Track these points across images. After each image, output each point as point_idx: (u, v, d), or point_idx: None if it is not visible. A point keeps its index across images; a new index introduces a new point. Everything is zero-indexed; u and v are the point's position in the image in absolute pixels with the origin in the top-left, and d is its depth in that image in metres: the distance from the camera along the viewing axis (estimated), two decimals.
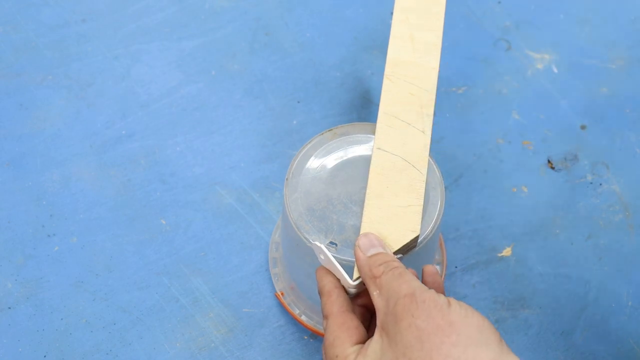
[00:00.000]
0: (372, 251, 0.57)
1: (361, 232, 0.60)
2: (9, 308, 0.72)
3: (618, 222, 0.79)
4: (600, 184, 0.82)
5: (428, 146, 0.63)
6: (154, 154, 0.81)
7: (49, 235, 0.76)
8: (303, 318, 0.72)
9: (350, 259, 0.61)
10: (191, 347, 0.71)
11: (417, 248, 0.62)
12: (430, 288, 0.53)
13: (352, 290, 0.57)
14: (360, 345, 0.54)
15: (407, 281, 0.53)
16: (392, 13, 0.67)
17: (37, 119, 0.83)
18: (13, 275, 0.74)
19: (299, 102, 0.85)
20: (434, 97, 0.64)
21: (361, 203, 0.63)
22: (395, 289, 0.53)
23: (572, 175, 0.82)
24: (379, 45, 0.90)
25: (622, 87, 0.88)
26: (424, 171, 0.62)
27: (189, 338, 0.72)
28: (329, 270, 0.59)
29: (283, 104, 0.85)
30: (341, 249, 0.63)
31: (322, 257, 0.59)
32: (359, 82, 0.88)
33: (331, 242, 0.63)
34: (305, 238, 0.63)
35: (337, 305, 0.56)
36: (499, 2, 0.94)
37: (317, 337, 0.73)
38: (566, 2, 0.94)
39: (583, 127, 0.85)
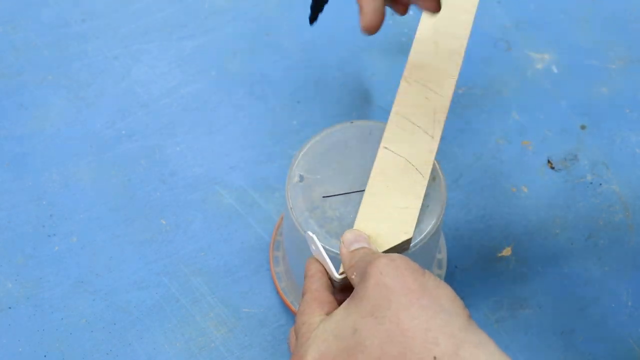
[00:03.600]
0: (355, 246, 0.56)
1: (353, 228, 0.60)
2: (9, 308, 0.73)
3: (618, 222, 0.79)
4: (600, 184, 0.82)
5: (435, 152, 0.63)
6: (154, 154, 0.81)
7: (49, 235, 0.76)
8: None
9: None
10: (191, 347, 0.72)
11: (412, 250, 0.62)
12: None
13: (338, 283, 0.57)
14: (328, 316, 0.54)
15: (381, 253, 0.53)
16: (392, 14, 0.67)
17: (37, 119, 0.83)
18: (13, 275, 0.74)
19: (299, 102, 0.85)
20: (448, 104, 0.64)
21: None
22: (369, 258, 0.53)
23: (572, 175, 0.82)
24: (379, 45, 0.90)
25: (622, 87, 0.88)
26: (427, 176, 0.62)
27: (189, 338, 0.72)
28: (319, 260, 0.59)
29: (283, 104, 0.85)
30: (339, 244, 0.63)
31: (313, 247, 0.59)
32: (359, 83, 0.88)
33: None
34: (304, 230, 0.63)
35: (315, 284, 0.56)
36: (499, 2, 0.94)
37: None
38: (566, 2, 0.94)
39: (583, 127, 0.85)
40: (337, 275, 0.57)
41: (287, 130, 0.83)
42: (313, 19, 0.68)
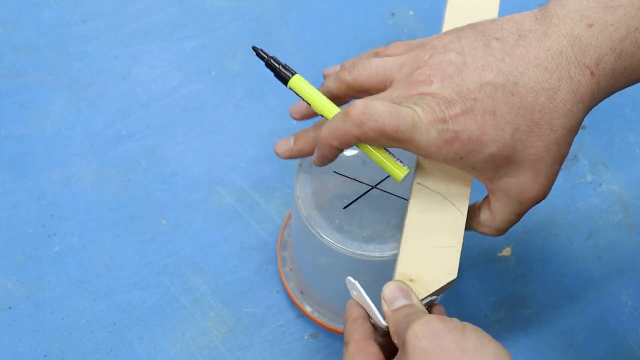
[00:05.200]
0: (396, 305, 0.54)
1: (395, 273, 0.58)
2: (10, 308, 0.73)
3: (618, 222, 0.79)
4: (600, 184, 0.82)
5: (470, 184, 0.61)
6: (154, 154, 0.81)
7: (49, 235, 0.76)
8: (315, 315, 0.72)
9: (358, 251, 0.62)
10: (191, 347, 0.72)
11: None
12: None
13: (383, 330, 0.56)
14: None
15: (419, 314, 0.52)
16: (392, 14, 0.67)
17: (37, 119, 0.83)
18: (13, 275, 0.74)
19: (299, 102, 0.85)
20: None
21: (370, 197, 0.63)
22: (408, 320, 0.51)
23: (572, 175, 0.82)
24: (379, 45, 0.90)
25: None
26: (465, 211, 0.60)
27: (189, 338, 0.72)
28: (359, 304, 0.57)
29: (283, 104, 0.85)
30: (350, 242, 0.63)
31: (354, 292, 0.57)
32: None
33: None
34: (362, 254, 0.63)
35: (359, 332, 0.55)
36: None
37: (317, 337, 0.73)
38: None
39: (583, 127, 0.85)
40: (383, 323, 0.55)
41: (287, 130, 0.83)
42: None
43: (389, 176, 0.66)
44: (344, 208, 0.65)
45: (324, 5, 0.92)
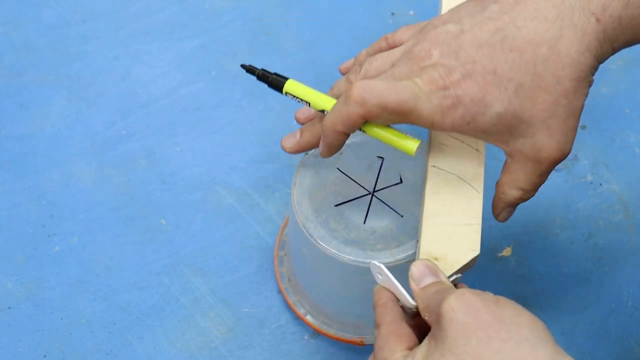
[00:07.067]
0: (425, 282, 0.55)
1: (419, 253, 0.58)
2: (9, 308, 0.73)
3: (618, 222, 0.79)
4: (600, 184, 0.82)
5: (483, 164, 0.62)
6: (154, 154, 0.81)
7: (49, 235, 0.76)
8: (308, 318, 0.72)
9: (333, 250, 0.62)
10: (191, 347, 0.72)
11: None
12: None
13: (411, 311, 0.56)
14: (409, 351, 0.52)
15: (450, 289, 0.52)
16: (392, 14, 0.67)
17: (37, 119, 0.83)
18: (13, 275, 0.74)
19: (299, 102, 0.85)
20: None
21: (364, 203, 0.63)
22: (439, 297, 0.51)
23: (572, 175, 0.82)
24: None
25: (622, 87, 0.88)
26: (481, 189, 0.61)
27: (189, 338, 0.72)
28: (387, 288, 0.57)
29: (283, 104, 0.85)
30: (351, 250, 0.63)
31: (380, 276, 0.57)
32: None
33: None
34: (336, 253, 0.63)
35: (390, 315, 0.55)
36: None
37: (317, 337, 0.73)
38: None
39: (583, 127, 0.85)
40: (412, 303, 0.55)
41: (287, 130, 0.83)
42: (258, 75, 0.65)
43: (388, 186, 0.66)
44: (335, 206, 0.65)
45: (324, 5, 0.92)
